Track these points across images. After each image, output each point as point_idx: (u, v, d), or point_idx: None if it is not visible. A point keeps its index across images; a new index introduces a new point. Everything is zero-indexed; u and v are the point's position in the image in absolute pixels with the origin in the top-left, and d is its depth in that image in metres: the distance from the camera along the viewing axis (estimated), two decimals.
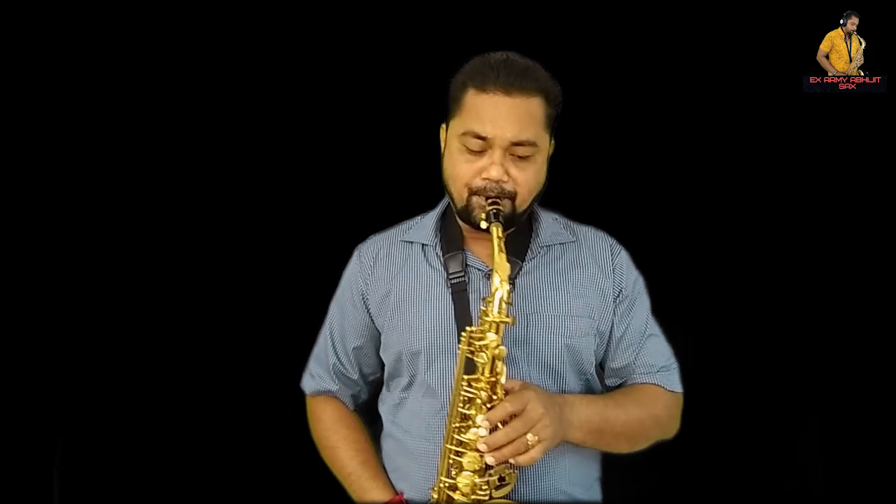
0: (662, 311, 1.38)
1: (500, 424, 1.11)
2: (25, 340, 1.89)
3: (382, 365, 1.36)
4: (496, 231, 1.15)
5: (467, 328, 1.17)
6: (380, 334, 1.34)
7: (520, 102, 1.18)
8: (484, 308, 1.14)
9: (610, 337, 1.30)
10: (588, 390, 1.30)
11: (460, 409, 1.15)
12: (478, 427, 1.11)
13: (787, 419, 2.00)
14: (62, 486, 1.93)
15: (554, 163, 1.29)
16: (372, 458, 1.34)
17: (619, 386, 1.32)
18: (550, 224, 1.34)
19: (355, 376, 1.39)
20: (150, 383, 1.97)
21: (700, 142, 1.96)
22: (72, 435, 1.95)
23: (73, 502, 1.93)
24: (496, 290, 1.12)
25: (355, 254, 1.40)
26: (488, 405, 1.13)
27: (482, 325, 1.14)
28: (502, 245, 1.14)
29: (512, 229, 1.25)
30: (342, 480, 1.34)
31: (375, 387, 1.42)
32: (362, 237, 1.44)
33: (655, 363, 1.31)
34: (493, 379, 1.14)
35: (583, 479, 1.29)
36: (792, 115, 1.87)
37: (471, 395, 1.14)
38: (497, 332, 1.13)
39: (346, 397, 1.41)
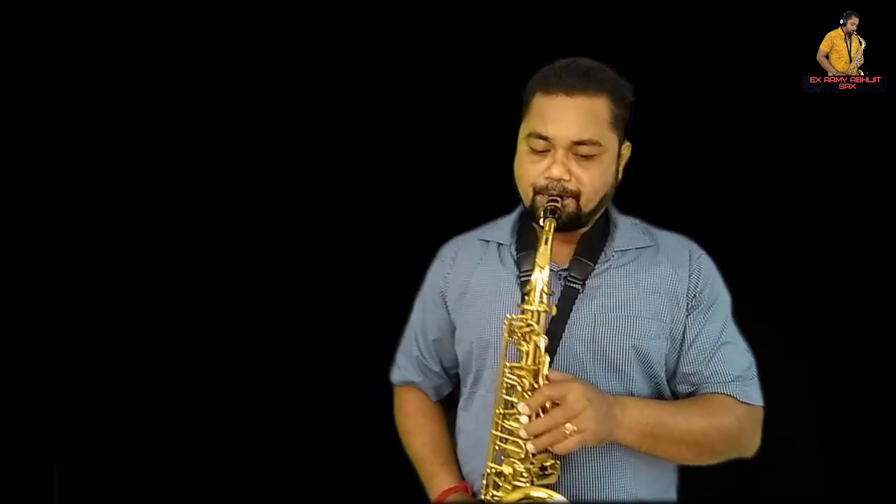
0: None
1: (541, 413, 1.12)
2: (25, 340, 1.89)
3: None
4: (547, 225, 1.19)
5: (508, 315, 1.19)
6: (455, 330, 1.38)
7: (581, 102, 1.21)
8: (526, 298, 1.17)
9: (682, 341, 1.27)
10: (657, 395, 1.28)
11: (504, 397, 1.18)
12: (520, 414, 1.13)
13: (792, 419, 2.00)
14: (62, 486, 1.93)
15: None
16: (444, 448, 1.39)
17: (691, 393, 1.28)
18: (629, 229, 1.34)
19: (437, 368, 1.45)
20: (150, 383, 1.97)
21: (700, 142, 1.95)
22: (72, 435, 1.95)
23: (73, 502, 1.93)
24: (536, 280, 1.15)
25: (438, 254, 1.45)
26: (530, 393, 1.14)
27: (524, 314, 1.17)
28: (549, 238, 1.18)
29: (585, 230, 1.29)
30: (415, 465, 1.40)
31: (457, 381, 1.46)
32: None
33: (729, 372, 1.25)
34: (534, 367, 1.15)
35: (655, 483, 1.27)
36: (792, 115, 1.87)
37: (512, 383, 1.17)
38: (538, 322, 1.15)
39: (428, 389, 1.47)
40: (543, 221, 1.20)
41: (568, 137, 1.20)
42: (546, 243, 1.17)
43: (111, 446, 1.96)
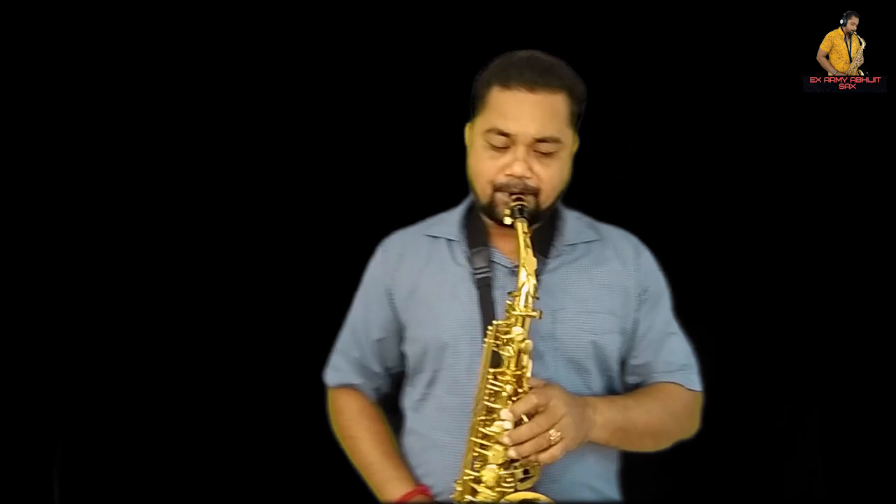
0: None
1: (525, 418, 1.11)
2: (25, 340, 1.89)
3: (404, 358, 1.38)
4: (521, 226, 1.17)
5: (494, 322, 1.18)
6: (402, 328, 1.35)
7: (543, 99, 1.19)
8: (510, 302, 1.15)
9: (633, 335, 1.31)
10: (610, 389, 1.31)
11: (486, 403, 1.16)
12: (502, 420, 1.12)
13: (792, 418, 2.00)
14: (62, 486, 1.93)
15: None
16: (393, 451, 1.34)
17: (639, 384, 1.33)
18: (574, 222, 1.35)
19: (379, 369, 1.40)
20: (150, 383, 1.97)
21: (700, 142, 1.96)
22: (72, 435, 1.95)
23: (73, 502, 1.93)
24: (523, 284, 1.13)
25: (379, 249, 1.41)
26: (513, 399, 1.14)
27: (508, 318, 1.15)
28: (528, 240, 1.16)
29: (537, 226, 1.27)
30: (362, 471, 1.34)
31: (397, 380, 1.43)
32: (372, 235, 1.44)
33: (675, 361, 1.31)
34: (518, 373, 1.14)
35: (605, 472, 1.31)
36: (792, 115, 1.87)
37: (496, 389, 1.15)
38: (523, 326, 1.14)
39: (368, 390, 1.42)
40: (514, 222, 1.18)
41: (530, 134, 1.19)
42: (527, 246, 1.15)
43: (111, 446, 1.96)
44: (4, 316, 1.88)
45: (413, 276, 1.33)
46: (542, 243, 1.29)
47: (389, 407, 1.43)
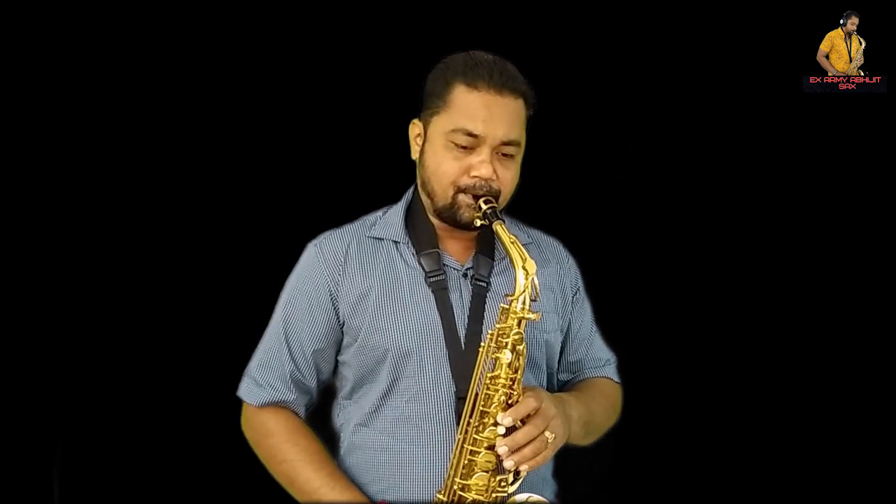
0: (659, 306, 1.36)
1: (518, 423, 1.10)
2: (25, 340, 1.89)
3: (334, 370, 1.31)
4: (502, 228, 1.16)
5: (496, 326, 1.15)
6: (346, 336, 1.27)
7: (509, 102, 1.20)
8: (506, 306, 1.14)
9: (568, 333, 1.35)
10: (550, 385, 1.34)
11: (480, 408, 1.13)
12: (497, 425, 1.10)
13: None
14: (62, 486, 1.93)
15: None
16: (338, 471, 1.24)
17: (570, 380, 1.38)
18: (511, 226, 1.33)
19: (312, 383, 1.29)
20: (149, 383, 1.97)
21: (700, 142, 1.96)
22: (72, 435, 1.95)
23: (73, 502, 1.93)
24: (525, 288, 1.12)
25: (313, 251, 1.30)
26: (510, 403, 1.12)
27: (506, 321, 1.13)
28: (514, 240, 1.14)
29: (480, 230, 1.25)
30: (305, 497, 1.22)
31: (321, 394, 1.34)
32: (291, 236, 1.38)
33: (602, 357, 1.40)
34: (514, 376, 1.13)
35: (550, 465, 1.30)
36: (792, 115, 1.87)
37: (491, 394, 1.12)
38: (520, 328, 1.13)
39: (300, 407, 1.29)
40: (494, 224, 1.16)
41: (498, 137, 1.18)
42: (520, 249, 1.13)
43: (111, 446, 1.96)
44: (4, 316, 1.88)
45: (363, 280, 1.25)
46: (487, 246, 1.27)
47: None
